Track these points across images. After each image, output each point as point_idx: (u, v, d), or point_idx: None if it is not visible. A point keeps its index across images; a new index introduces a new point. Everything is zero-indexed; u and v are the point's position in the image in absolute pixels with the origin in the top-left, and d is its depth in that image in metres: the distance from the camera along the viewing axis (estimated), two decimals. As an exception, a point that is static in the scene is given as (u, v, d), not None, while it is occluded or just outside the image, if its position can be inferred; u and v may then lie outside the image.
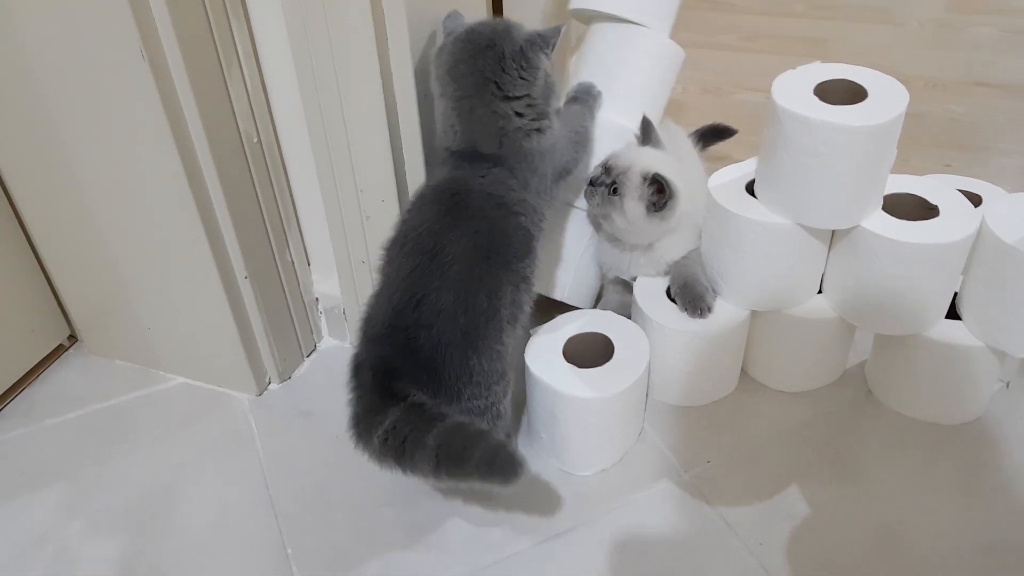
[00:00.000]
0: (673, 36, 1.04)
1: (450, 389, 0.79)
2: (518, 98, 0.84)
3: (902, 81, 0.87)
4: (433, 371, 0.79)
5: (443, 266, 0.79)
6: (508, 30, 0.84)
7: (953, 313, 0.93)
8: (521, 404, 1.00)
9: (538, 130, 0.86)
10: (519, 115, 0.84)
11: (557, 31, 0.85)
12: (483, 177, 0.84)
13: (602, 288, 1.12)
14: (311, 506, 0.91)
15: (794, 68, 0.89)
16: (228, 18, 0.86)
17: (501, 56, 0.82)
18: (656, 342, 0.96)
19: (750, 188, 0.94)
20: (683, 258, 1.00)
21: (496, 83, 0.82)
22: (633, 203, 0.94)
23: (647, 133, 1.00)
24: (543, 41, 0.84)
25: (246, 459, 0.97)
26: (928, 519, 0.87)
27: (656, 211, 0.94)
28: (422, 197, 0.86)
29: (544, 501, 0.91)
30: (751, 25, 1.88)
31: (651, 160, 0.96)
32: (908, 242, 0.85)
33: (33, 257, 1.07)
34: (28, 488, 0.95)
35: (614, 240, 1.01)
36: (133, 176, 0.89)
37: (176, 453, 0.99)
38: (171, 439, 1.01)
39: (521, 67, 0.83)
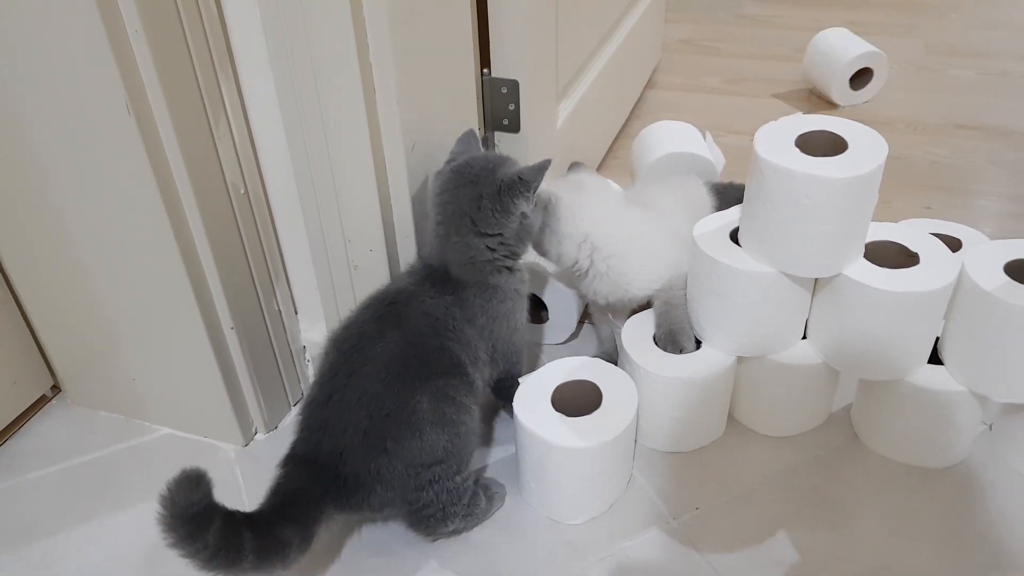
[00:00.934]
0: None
1: (361, 488, 0.80)
2: (491, 235, 0.86)
3: (883, 123, 0.89)
4: (337, 476, 0.79)
5: (357, 366, 0.80)
6: (494, 169, 0.86)
7: (936, 358, 0.94)
8: (511, 453, 0.99)
9: (508, 268, 0.89)
10: (491, 250, 0.87)
11: (541, 171, 0.85)
12: (432, 299, 0.85)
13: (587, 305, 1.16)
14: (298, 559, 0.90)
15: (775, 116, 0.91)
16: (215, 71, 0.87)
17: (480, 196, 0.85)
18: (644, 388, 0.96)
19: (734, 236, 0.95)
20: (667, 302, 1.01)
21: (471, 218, 0.85)
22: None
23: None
24: (523, 185, 0.85)
25: (232, 511, 0.96)
26: (914, 565, 0.87)
27: (530, 206, 0.93)
28: (368, 299, 0.88)
29: (534, 551, 0.90)
30: (735, 68, 1.92)
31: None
32: (890, 290, 0.86)
33: (15, 307, 1.06)
34: (8, 545, 0.94)
35: (570, 269, 1.03)
36: (118, 227, 0.89)
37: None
38: (156, 492, 0.98)
39: (496, 209, 0.85)
